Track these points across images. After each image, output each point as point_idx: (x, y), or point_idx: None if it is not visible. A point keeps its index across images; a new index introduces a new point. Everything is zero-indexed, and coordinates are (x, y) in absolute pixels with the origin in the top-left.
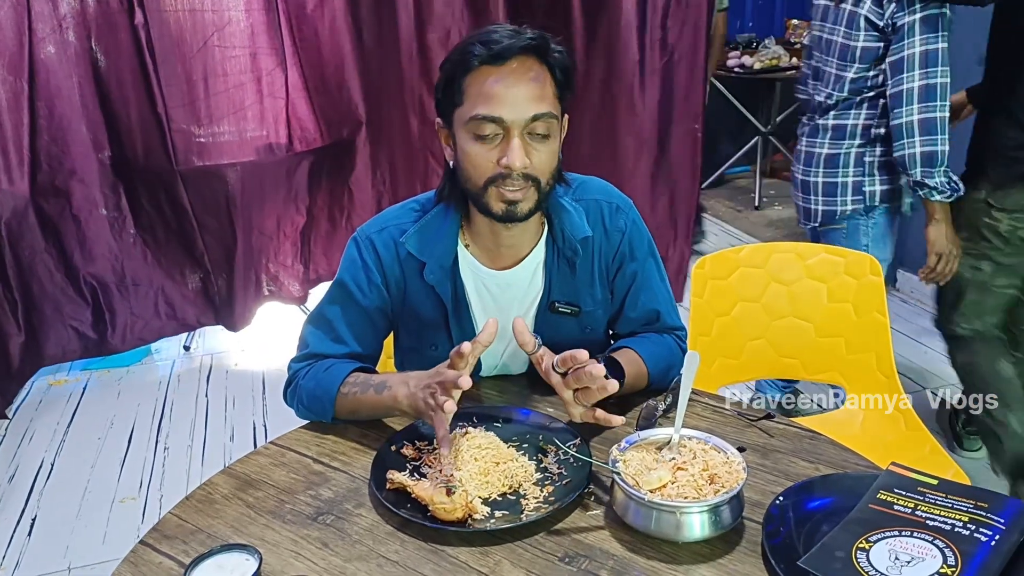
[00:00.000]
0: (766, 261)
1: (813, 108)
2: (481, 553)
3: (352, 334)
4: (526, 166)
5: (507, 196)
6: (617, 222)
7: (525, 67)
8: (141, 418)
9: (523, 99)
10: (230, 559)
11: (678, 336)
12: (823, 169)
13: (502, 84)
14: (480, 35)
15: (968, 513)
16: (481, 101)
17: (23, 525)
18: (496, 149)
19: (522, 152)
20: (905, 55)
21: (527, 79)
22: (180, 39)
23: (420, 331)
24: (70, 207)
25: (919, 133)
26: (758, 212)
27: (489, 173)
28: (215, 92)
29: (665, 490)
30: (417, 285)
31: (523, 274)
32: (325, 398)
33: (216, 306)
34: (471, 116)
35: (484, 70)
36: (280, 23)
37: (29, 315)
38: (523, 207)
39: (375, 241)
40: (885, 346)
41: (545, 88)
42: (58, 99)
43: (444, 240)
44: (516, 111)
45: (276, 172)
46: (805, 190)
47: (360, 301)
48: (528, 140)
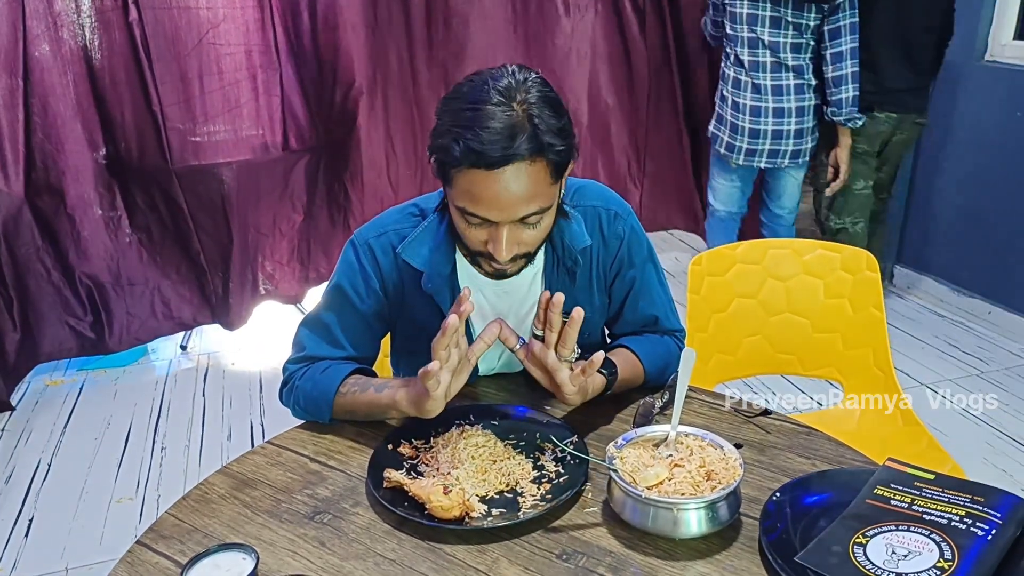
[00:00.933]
0: (763, 257)
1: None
2: (478, 551)
3: (348, 338)
4: (512, 253)
5: (496, 267)
6: (616, 229)
7: (516, 171)
8: (138, 418)
9: (513, 203)
10: (227, 558)
11: (677, 337)
12: (794, 119)
13: (490, 190)
14: (472, 135)
15: (964, 507)
16: (467, 199)
17: (20, 526)
18: (485, 232)
19: (510, 244)
20: (843, 24)
21: (517, 184)
22: (175, 37)
23: (416, 337)
24: (64, 206)
25: (851, 81)
26: None
27: (477, 248)
28: (210, 90)
29: (662, 487)
30: (415, 292)
31: (521, 283)
32: (323, 399)
33: (213, 305)
34: (457, 206)
35: (473, 172)
36: (274, 20)
37: (25, 313)
38: (511, 271)
39: (373, 246)
40: (882, 341)
41: (538, 183)
42: (52, 97)
43: (442, 249)
44: (504, 214)
45: (272, 170)
46: (776, 137)
47: (357, 306)
48: (519, 226)
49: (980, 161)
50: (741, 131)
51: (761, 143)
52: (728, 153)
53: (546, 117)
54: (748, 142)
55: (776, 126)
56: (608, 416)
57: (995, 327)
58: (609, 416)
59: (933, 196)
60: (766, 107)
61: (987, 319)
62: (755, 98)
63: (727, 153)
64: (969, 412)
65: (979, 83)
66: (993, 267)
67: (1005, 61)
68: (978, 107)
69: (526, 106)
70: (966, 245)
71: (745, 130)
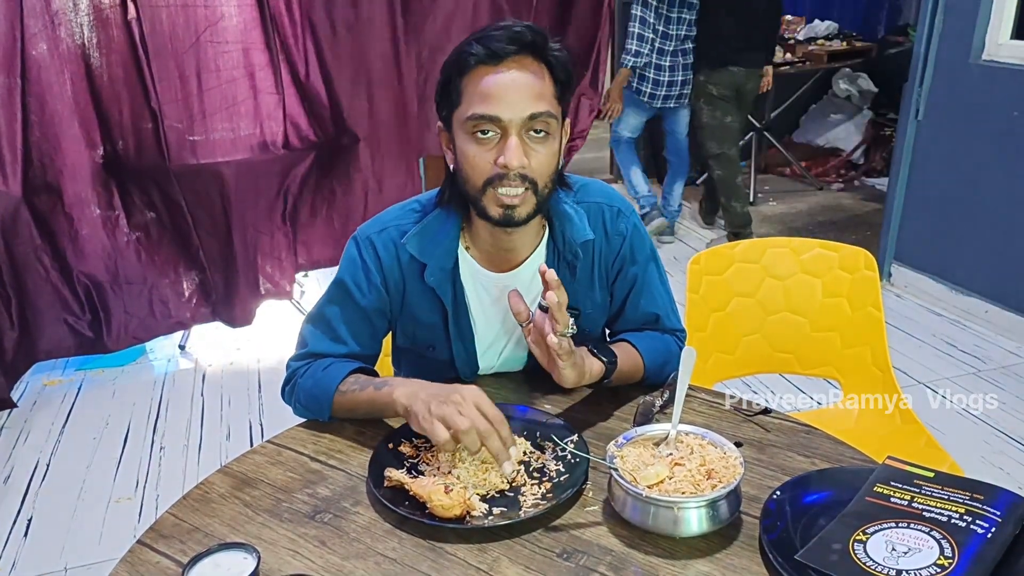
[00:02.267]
0: (761, 256)
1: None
2: (479, 550)
3: (351, 333)
4: (524, 166)
5: (504, 201)
6: (618, 226)
7: (523, 65)
8: (136, 418)
9: (521, 97)
10: (228, 558)
11: (678, 337)
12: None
13: (499, 83)
14: (478, 35)
15: (964, 505)
16: (478, 100)
17: (19, 525)
18: (494, 149)
19: (519, 151)
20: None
21: (525, 77)
22: (172, 35)
23: (417, 332)
24: (62, 204)
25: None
26: (753, 208)
27: (487, 174)
28: (208, 88)
29: (662, 485)
30: (417, 287)
31: (523, 277)
32: (323, 397)
33: (212, 303)
34: (468, 116)
35: (481, 70)
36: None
37: (23, 311)
38: (520, 212)
39: (375, 242)
40: (880, 340)
41: (544, 87)
42: (50, 96)
43: (445, 242)
44: (513, 109)
45: (270, 169)
46: (684, 86)
47: (359, 301)
48: (526, 140)
49: (977, 160)
50: (660, 84)
51: (673, 90)
52: (650, 100)
53: (554, 44)
54: (665, 90)
55: (683, 79)
56: (608, 415)
57: (992, 326)
58: (609, 415)
59: (930, 195)
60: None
61: (984, 318)
62: (672, 62)
63: (649, 100)
64: (968, 411)
65: (976, 82)
66: (990, 266)
67: (1002, 60)
68: (975, 106)
69: (540, 31)
70: (963, 244)
71: (663, 83)
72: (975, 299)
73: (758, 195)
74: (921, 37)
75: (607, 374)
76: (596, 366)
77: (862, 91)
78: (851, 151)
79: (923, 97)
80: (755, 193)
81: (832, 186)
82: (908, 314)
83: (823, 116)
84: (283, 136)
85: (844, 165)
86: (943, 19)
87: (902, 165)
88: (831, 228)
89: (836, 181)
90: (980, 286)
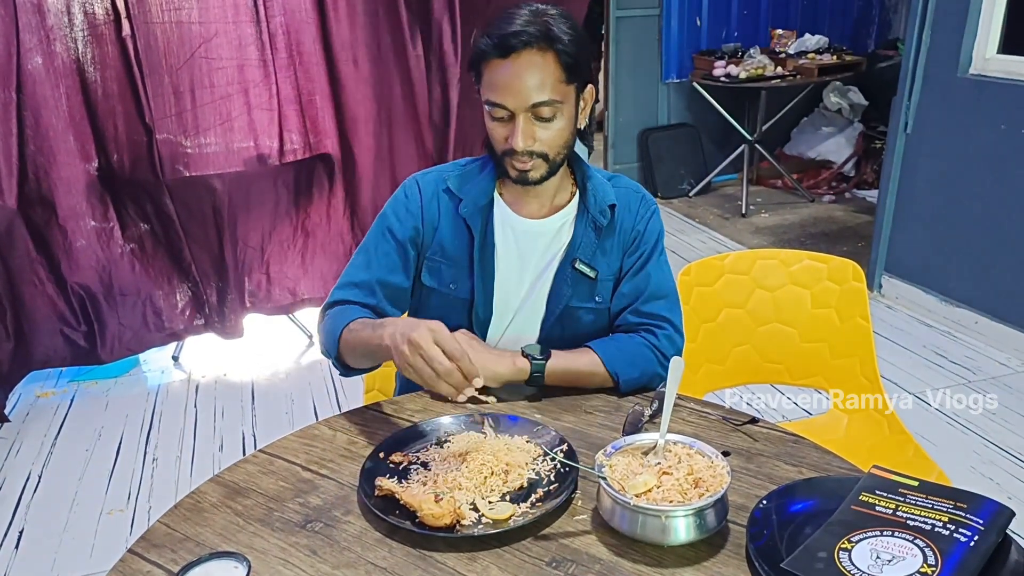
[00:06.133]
0: (750, 268)
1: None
2: (469, 559)
3: (384, 261)
4: (529, 146)
5: (518, 167)
6: (643, 209)
7: (527, 59)
8: (129, 429)
9: (524, 89)
10: (219, 567)
11: (653, 327)
12: None
13: (505, 75)
14: (494, 26)
15: (948, 513)
16: (489, 89)
17: (10, 537)
18: (507, 127)
19: (524, 135)
20: None
21: (529, 71)
22: (167, 51)
23: (443, 268)
24: (57, 217)
25: None
26: (745, 219)
27: (503, 147)
28: (202, 104)
29: (651, 494)
30: (450, 219)
31: (551, 227)
32: (332, 336)
33: (206, 315)
34: (484, 99)
35: (493, 61)
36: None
37: (19, 322)
38: (534, 175)
39: (420, 181)
40: (868, 351)
41: (547, 76)
42: (45, 110)
43: (482, 183)
44: (517, 100)
45: (264, 183)
46: None
47: (395, 230)
48: (534, 121)
49: (966, 173)
50: None
51: None
52: None
53: (561, 25)
54: None
55: None
56: (597, 424)
57: (982, 337)
58: (598, 425)
59: (920, 207)
60: None
61: (975, 329)
62: None
63: None
64: (956, 421)
65: (964, 96)
66: (980, 278)
67: (990, 75)
68: (963, 120)
69: (546, 17)
70: (953, 256)
71: None
72: (965, 310)
73: (750, 207)
74: (910, 51)
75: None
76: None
77: (852, 104)
78: (842, 164)
79: (912, 110)
80: (747, 205)
81: (823, 198)
82: (899, 325)
83: (814, 129)
84: (277, 151)
85: (835, 177)
86: (931, 34)
87: (892, 178)
88: (822, 240)
89: (827, 193)
90: (970, 297)
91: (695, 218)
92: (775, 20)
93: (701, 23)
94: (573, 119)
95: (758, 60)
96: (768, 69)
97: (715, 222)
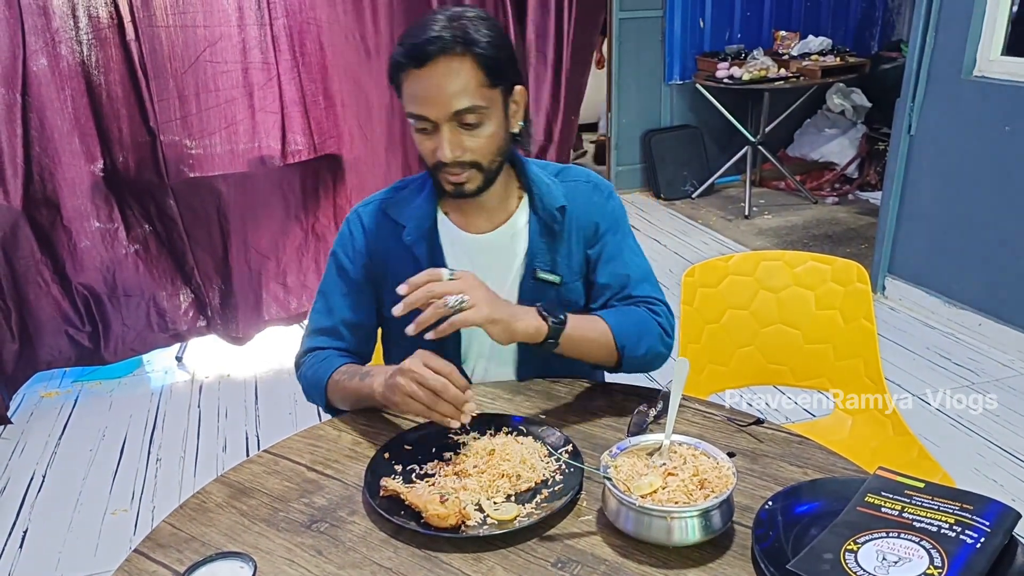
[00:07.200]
0: (755, 269)
1: None
2: (474, 559)
3: (343, 304)
4: (458, 156)
5: (451, 180)
6: (594, 197)
7: (445, 66)
8: (133, 429)
9: (443, 97)
10: (224, 567)
11: (651, 306)
12: None
13: (423, 85)
14: (406, 35)
15: (954, 515)
16: (410, 101)
17: (15, 537)
18: (433, 140)
19: (450, 145)
20: None
21: (447, 78)
22: (171, 55)
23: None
24: (62, 218)
25: None
26: (748, 221)
27: (431, 161)
28: (207, 107)
29: (656, 495)
30: (398, 250)
31: (502, 239)
32: (318, 387)
33: (208, 317)
34: (407, 113)
35: (410, 73)
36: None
37: (24, 323)
38: (469, 187)
39: (362, 214)
40: (872, 352)
41: (468, 82)
42: (50, 111)
43: (422, 205)
44: (439, 110)
45: (268, 185)
46: None
47: (348, 269)
48: (459, 130)
49: (970, 175)
50: None
51: None
52: None
53: (480, 27)
54: None
55: None
56: (602, 425)
57: (985, 339)
58: (603, 425)
59: (924, 209)
60: None
61: (978, 330)
62: None
63: None
64: (960, 423)
65: (968, 98)
66: (984, 279)
67: (993, 76)
68: (967, 121)
69: (462, 21)
70: (957, 258)
71: None
72: (968, 312)
73: (753, 208)
74: (913, 53)
75: (553, 334)
76: (531, 325)
77: (856, 106)
78: (845, 165)
79: (916, 112)
80: (750, 206)
81: (826, 200)
82: (902, 327)
83: (817, 130)
84: (281, 153)
85: (838, 179)
86: (935, 35)
87: (895, 179)
88: (825, 241)
89: (830, 195)
90: (973, 299)
91: (698, 219)
92: (778, 22)
93: (704, 25)
94: (503, 124)
95: (761, 62)
96: (771, 71)
97: (718, 223)
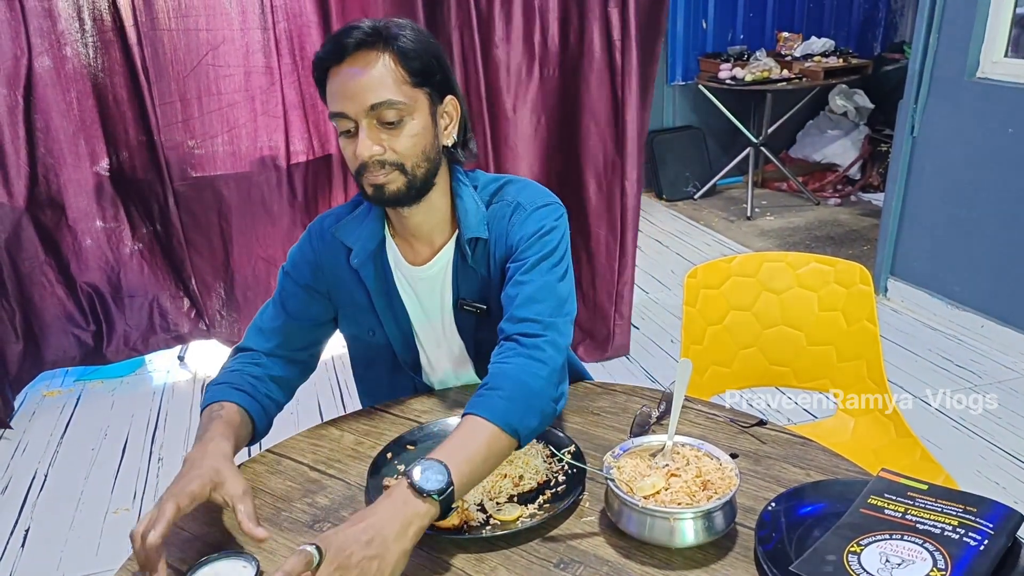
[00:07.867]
0: (757, 270)
1: None
2: (477, 560)
3: (285, 310)
4: (373, 155)
5: (371, 181)
6: (514, 218)
7: (362, 60)
8: (135, 429)
9: (360, 91)
10: (227, 566)
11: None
12: None
13: (341, 80)
14: (331, 37)
15: (957, 517)
16: (331, 100)
17: (16, 536)
18: (355, 142)
19: (368, 142)
20: None
21: (364, 71)
22: (174, 58)
23: (357, 316)
24: (66, 219)
25: None
26: (750, 222)
27: (355, 165)
28: (209, 110)
29: (659, 496)
30: (348, 270)
31: (433, 272)
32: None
33: (210, 320)
34: (329, 116)
35: (331, 70)
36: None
37: (28, 323)
38: (390, 189)
39: (313, 230)
40: (875, 354)
41: (386, 75)
42: (55, 112)
43: (370, 227)
44: (354, 103)
45: (270, 188)
46: None
47: (294, 277)
48: (379, 127)
49: (972, 177)
50: None
51: None
52: None
53: (405, 28)
54: None
55: None
56: (605, 426)
57: (988, 340)
58: (606, 426)
59: (926, 211)
60: None
61: (980, 333)
62: None
63: None
64: (962, 425)
65: (971, 100)
66: (986, 282)
67: (996, 78)
68: (970, 123)
69: (388, 23)
70: (959, 260)
71: None
72: (971, 314)
73: (755, 210)
74: (916, 55)
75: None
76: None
77: (858, 107)
78: (848, 166)
79: (919, 114)
80: (752, 208)
81: (829, 201)
82: (904, 329)
83: (820, 132)
84: (284, 156)
85: (841, 180)
86: (938, 37)
87: (898, 181)
88: (828, 243)
89: (833, 196)
90: (976, 301)
91: (700, 221)
92: (781, 23)
93: (707, 26)
94: (430, 128)
95: (764, 63)
96: (774, 72)
97: (720, 225)
